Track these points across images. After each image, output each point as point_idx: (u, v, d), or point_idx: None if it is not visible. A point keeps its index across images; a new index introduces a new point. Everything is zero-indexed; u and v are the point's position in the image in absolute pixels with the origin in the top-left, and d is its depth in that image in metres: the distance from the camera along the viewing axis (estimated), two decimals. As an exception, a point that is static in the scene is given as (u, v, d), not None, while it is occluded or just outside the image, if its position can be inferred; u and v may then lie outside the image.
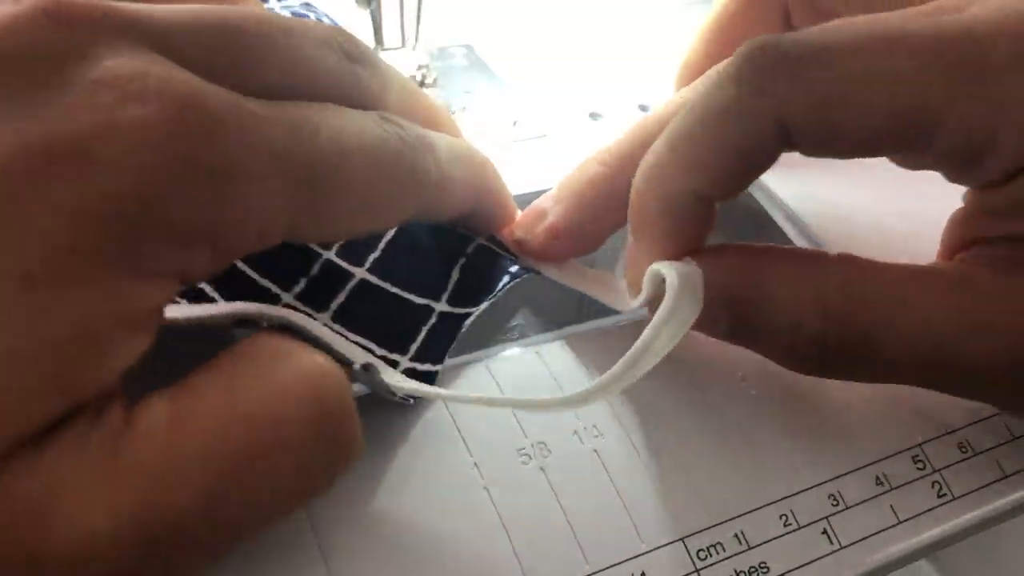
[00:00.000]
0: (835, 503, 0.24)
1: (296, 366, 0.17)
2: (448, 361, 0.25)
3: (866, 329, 0.21)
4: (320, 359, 0.18)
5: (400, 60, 0.33)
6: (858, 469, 0.25)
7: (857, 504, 0.24)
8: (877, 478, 0.25)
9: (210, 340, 0.18)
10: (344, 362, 0.20)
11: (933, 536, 0.24)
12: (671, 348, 0.22)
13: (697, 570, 0.22)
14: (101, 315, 0.15)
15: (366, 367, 0.21)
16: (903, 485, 0.25)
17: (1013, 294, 0.21)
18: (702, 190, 0.22)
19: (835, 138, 0.21)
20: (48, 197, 0.14)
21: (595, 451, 0.24)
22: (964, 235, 0.24)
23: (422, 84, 0.34)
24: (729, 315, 0.23)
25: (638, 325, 0.27)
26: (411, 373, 0.23)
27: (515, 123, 0.34)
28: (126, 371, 0.16)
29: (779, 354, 0.23)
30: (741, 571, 0.22)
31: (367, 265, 0.25)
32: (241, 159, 0.17)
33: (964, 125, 0.21)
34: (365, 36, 0.33)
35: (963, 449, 0.26)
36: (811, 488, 0.24)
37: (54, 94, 0.15)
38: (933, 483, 0.25)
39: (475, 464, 0.23)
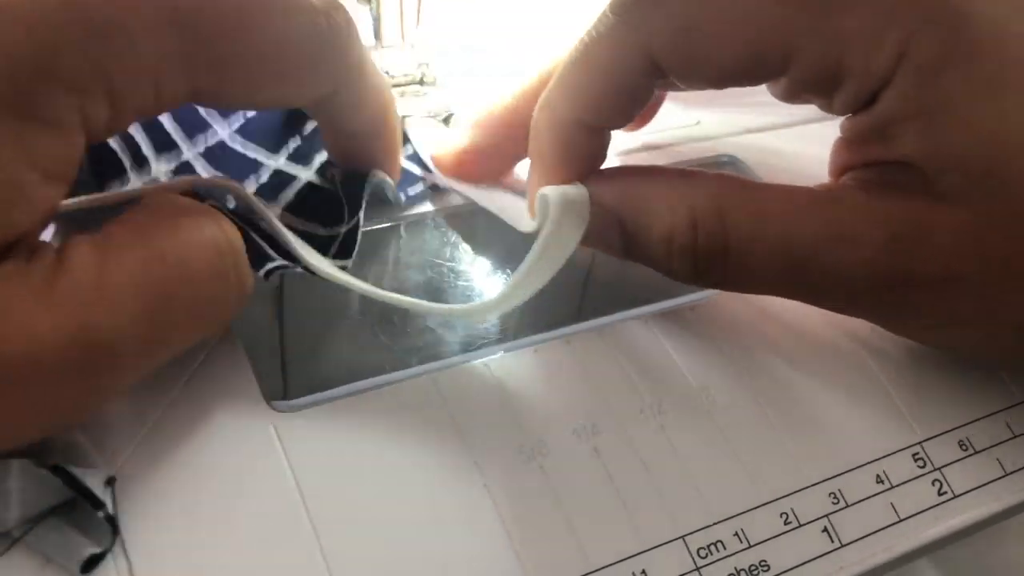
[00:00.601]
0: (836, 501, 0.24)
1: (196, 218, 0.20)
2: (448, 360, 0.25)
3: (732, 240, 0.23)
4: (214, 213, 0.21)
5: (400, 58, 0.33)
6: (859, 467, 0.25)
7: (858, 502, 0.24)
8: (878, 476, 0.25)
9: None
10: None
11: (934, 534, 0.24)
12: (559, 265, 0.24)
13: (697, 568, 0.22)
14: (11, 160, 0.17)
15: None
16: (904, 483, 0.25)
17: (875, 208, 0.22)
18: (587, 119, 0.23)
19: (697, 68, 0.22)
20: None
21: (595, 449, 0.24)
22: (841, 163, 0.25)
23: (421, 82, 0.34)
24: (619, 233, 0.24)
25: (635, 323, 0.27)
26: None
27: (515, 122, 0.34)
28: (48, 217, 0.19)
29: (659, 266, 0.25)
30: (742, 569, 0.22)
31: (314, 167, 0.28)
32: (132, 10, 0.18)
33: (814, 56, 0.22)
34: (364, 33, 0.33)
35: (963, 447, 0.26)
36: (812, 486, 0.24)
37: None
38: (933, 481, 0.25)
39: (474, 463, 0.23)
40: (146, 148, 0.26)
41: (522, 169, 0.30)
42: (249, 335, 0.24)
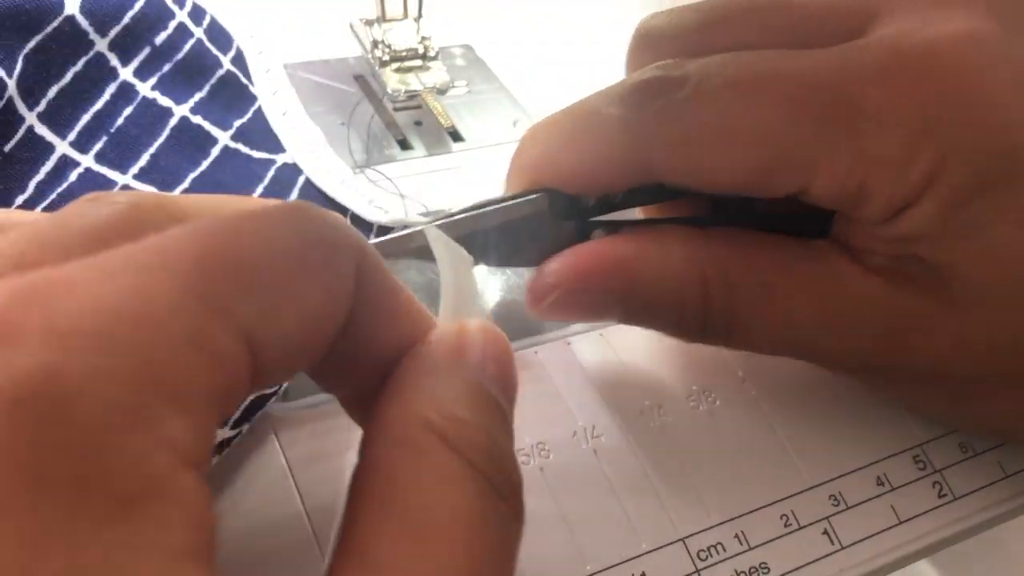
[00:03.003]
0: (836, 503, 0.24)
1: None
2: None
3: (739, 314, 0.23)
4: None
5: (402, 31, 0.33)
6: (859, 469, 0.25)
7: (858, 504, 0.24)
8: (878, 478, 0.25)
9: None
10: None
11: (934, 536, 0.24)
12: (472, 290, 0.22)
13: (697, 570, 0.22)
14: None
15: None
16: (904, 485, 0.25)
17: (878, 300, 0.22)
18: (563, 186, 0.23)
19: (697, 179, 0.22)
20: None
21: (595, 451, 0.23)
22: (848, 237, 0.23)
23: (424, 56, 0.33)
24: (620, 310, 0.23)
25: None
26: None
27: (515, 123, 0.34)
28: None
29: (668, 330, 0.24)
30: (742, 571, 0.22)
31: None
32: None
33: (835, 178, 0.20)
34: (368, 7, 0.33)
35: (964, 449, 0.26)
36: (812, 488, 0.24)
37: None
38: (934, 483, 0.25)
39: (475, 464, 0.23)
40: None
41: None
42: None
